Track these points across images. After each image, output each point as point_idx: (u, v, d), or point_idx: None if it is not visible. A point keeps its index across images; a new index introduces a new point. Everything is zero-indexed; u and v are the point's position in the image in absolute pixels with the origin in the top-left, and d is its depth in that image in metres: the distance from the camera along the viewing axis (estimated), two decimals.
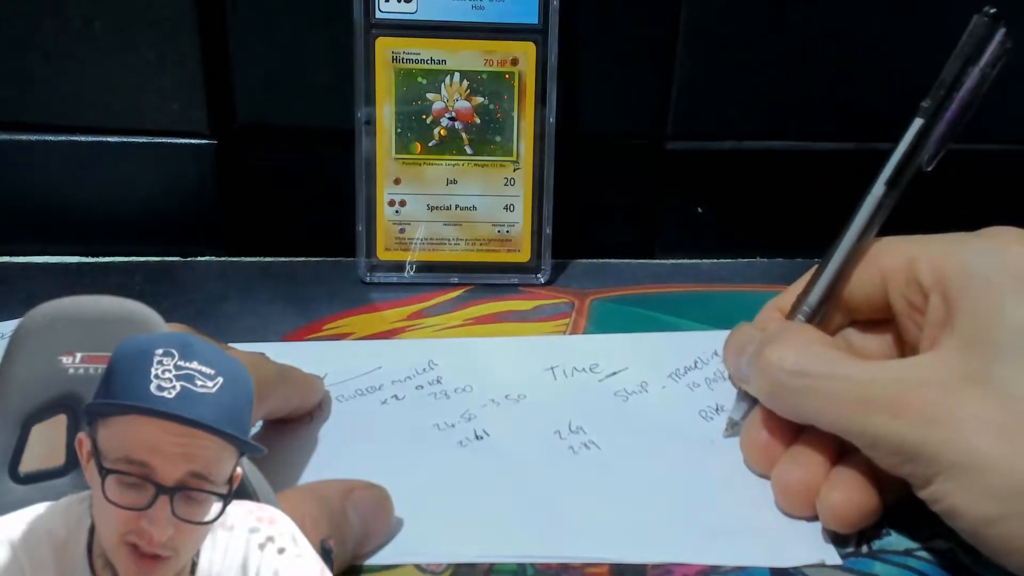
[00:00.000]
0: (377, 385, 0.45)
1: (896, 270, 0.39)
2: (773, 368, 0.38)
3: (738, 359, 0.41)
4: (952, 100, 0.40)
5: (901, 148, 0.41)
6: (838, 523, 0.36)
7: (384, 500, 0.36)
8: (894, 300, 0.39)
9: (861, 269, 0.40)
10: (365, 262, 0.53)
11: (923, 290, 0.37)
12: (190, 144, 0.54)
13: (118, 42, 0.51)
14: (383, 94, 0.51)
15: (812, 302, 0.41)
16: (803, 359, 0.37)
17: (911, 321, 0.38)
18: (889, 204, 0.41)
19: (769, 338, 0.39)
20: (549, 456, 0.41)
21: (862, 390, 0.35)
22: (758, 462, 0.40)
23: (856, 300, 0.41)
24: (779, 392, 0.38)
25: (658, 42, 0.53)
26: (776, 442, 0.39)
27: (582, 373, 0.46)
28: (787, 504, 0.38)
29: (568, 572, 0.35)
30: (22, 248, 0.55)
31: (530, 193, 0.52)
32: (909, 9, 0.52)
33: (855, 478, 0.36)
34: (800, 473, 0.38)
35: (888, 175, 0.41)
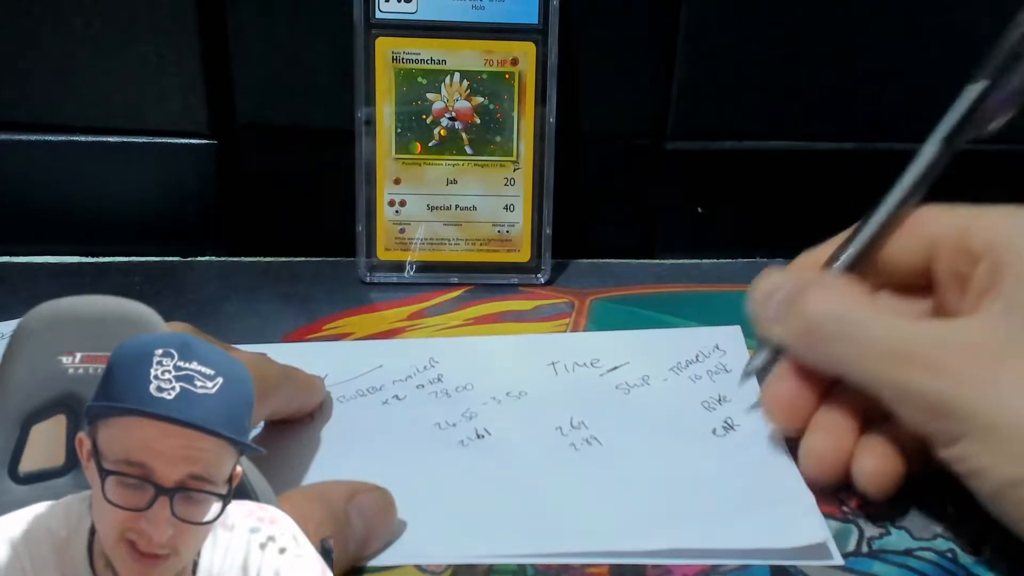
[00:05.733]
0: (378, 385, 0.45)
1: (946, 238, 0.38)
2: (810, 310, 0.37)
3: (767, 302, 0.40)
4: (1020, 62, 0.38)
5: (962, 104, 0.39)
6: (875, 490, 0.37)
7: (388, 503, 0.36)
8: (939, 269, 0.39)
9: (904, 232, 0.40)
10: (365, 262, 0.53)
11: (973, 258, 0.37)
12: (190, 144, 0.54)
13: (118, 42, 0.51)
14: (383, 94, 0.51)
15: (848, 259, 0.40)
16: (843, 305, 0.37)
17: (954, 291, 0.38)
18: (941, 164, 0.39)
19: (807, 283, 0.38)
20: (551, 453, 0.41)
21: (901, 344, 0.35)
22: (780, 415, 0.40)
23: (894, 263, 0.40)
24: (813, 336, 0.37)
25: (658, 42, 0.53)
26: (800, 396, 0.39)
27: (583, 368, 0.46)
28: (817, 471, 0.38)
29: (568, 573, 0.35)
30: (22, 248, 0.55)
31: (530, 193, 0.52)
32: (909, 9, 0.52)
33: (887, 445, 0.37)
34: (830, 441, 0.38)
35: (946, 131, 0.39)
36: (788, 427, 0.40)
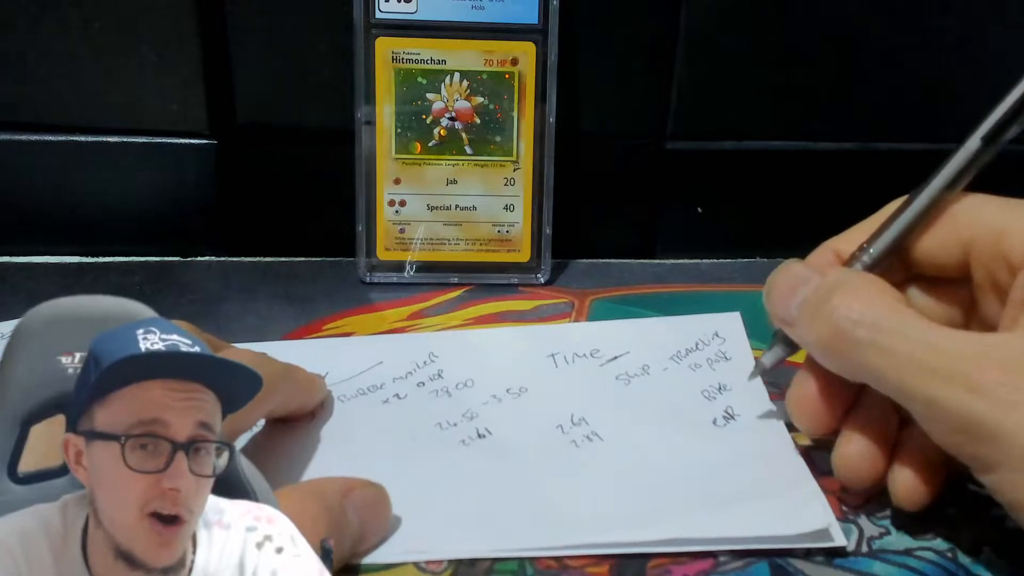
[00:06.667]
0: (379, 384, 0.45)
1: (983, 242, 0.36)
2: (841, 315, 0.34)
3: (788, 300, 0.37)
4: None
5: (1006, 103, 0.37)
6: (910, 506, 0.36)
7: (382, 499, 0.35)
8: (975, 271, 0.37)
9: (939, 227, 0.37)
10: (365, 262, 0.53)
11: (1011, 268, 0.35)
12: (190, 144, 0.54)
13: (118, 42, 0.51)
14: (383, 94, 0.51)
15: (877, 252, 0.38)
16: (874, 311, 0.34)
17: (992, 295, 0.37)
18: (982, 162, 0.37)
19: (835, 284, 0.36)
20: (552, 451, 0.41)
21: (937, 356, 0.32)
22: (806, 422, 0.38)
23: (926, 257, 0.38)
24: (841, 343, 0.35)
25: (658, 42, 0.53)
26: (827, 400, 0.37)
27: (583, 359, 0.46)
28: (852, 482, 0.37)
29: (568, 572, 0.35)
30: (22, 248, 0.55)
31: (530, 193, 0.52)
32: (909, 9, 0.52)
33: (921, 459, 0.36)
34: (864, 452, 0.37)
35: (987, 130, 0.37)
36: (815, 433, 0.39)
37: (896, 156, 0.55)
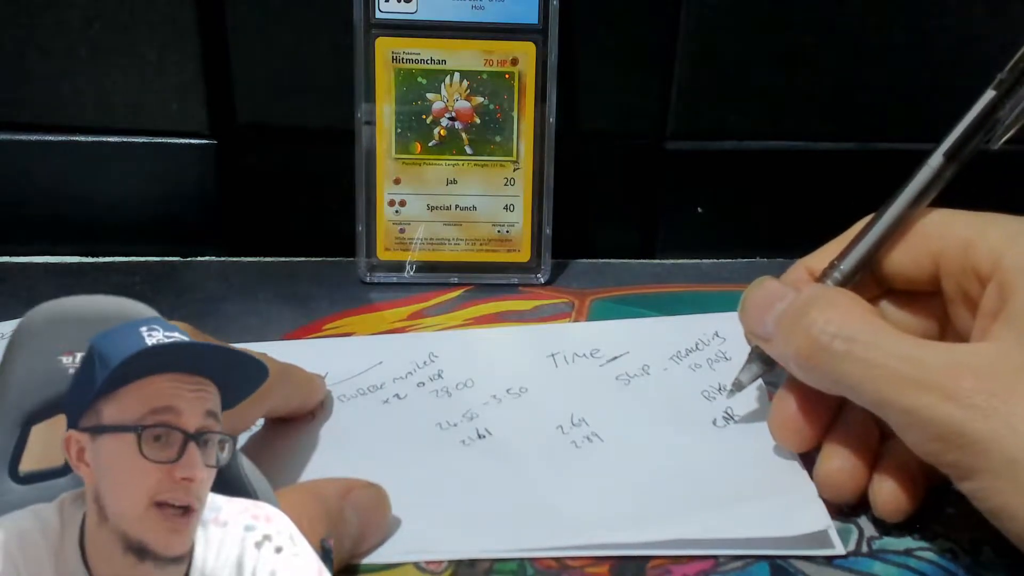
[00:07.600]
0: (378, 384, 0.45)
1: (951, 255, 0.37)
2: (817, 329, 0.35)
3: (763, 315, 0.38)
4: None
5: (967, 119, 0.37)
6: (892, 518, 0.36)
7: (382, 499, 0.35)
8: (946, 284, 0.37)
9: (908, 242, 0.38)
10: (365, 262, 0.53)
11: (980, 279, 0.36)
12: (190, 144, 0.54)
13: (118, 42, 0.51)
14: (383, 94, 0.51)
15: (847, 267, 0.39)
16: (851, 324, 0.35)
17: (962, 307, 0.37)
18: (946, 178, 0.38)
19: (811, 298, 0.36)
20: (552, 452, 0.41)
21: (913, 366, 0.33)
22: (788, 439, 0.39)
23: (897, 272, 0.39)
24: (818, 356, 0.35)
25: (658, 42, 0.53)
26: (807, 417, 0.38)
27: (583, 359, 0.46)
28: (834, 497, 0.37)
29: (568, 572, 0.35)
30: (22, 248, 0.55)
31: (530, 193, 0.52)
32: (909, 9, 0.52)
33: (902, 471, 0.36)
34: (845, 468, 0.37)
35: (948, 146, 0.38)
36: (798, 450, 0.39)
37: (896, 156, 0.55)
